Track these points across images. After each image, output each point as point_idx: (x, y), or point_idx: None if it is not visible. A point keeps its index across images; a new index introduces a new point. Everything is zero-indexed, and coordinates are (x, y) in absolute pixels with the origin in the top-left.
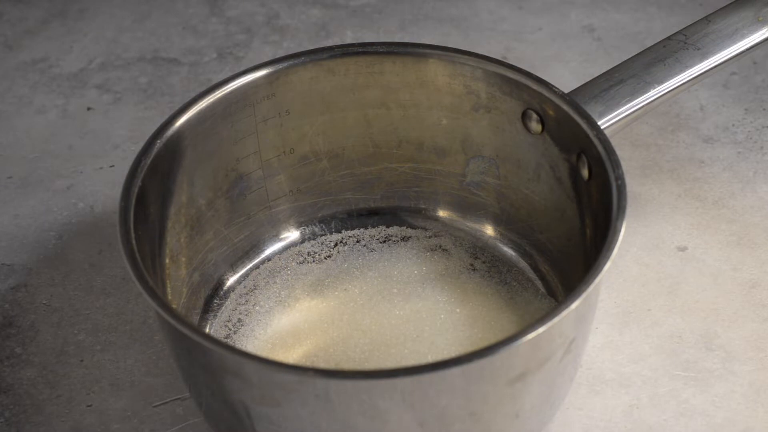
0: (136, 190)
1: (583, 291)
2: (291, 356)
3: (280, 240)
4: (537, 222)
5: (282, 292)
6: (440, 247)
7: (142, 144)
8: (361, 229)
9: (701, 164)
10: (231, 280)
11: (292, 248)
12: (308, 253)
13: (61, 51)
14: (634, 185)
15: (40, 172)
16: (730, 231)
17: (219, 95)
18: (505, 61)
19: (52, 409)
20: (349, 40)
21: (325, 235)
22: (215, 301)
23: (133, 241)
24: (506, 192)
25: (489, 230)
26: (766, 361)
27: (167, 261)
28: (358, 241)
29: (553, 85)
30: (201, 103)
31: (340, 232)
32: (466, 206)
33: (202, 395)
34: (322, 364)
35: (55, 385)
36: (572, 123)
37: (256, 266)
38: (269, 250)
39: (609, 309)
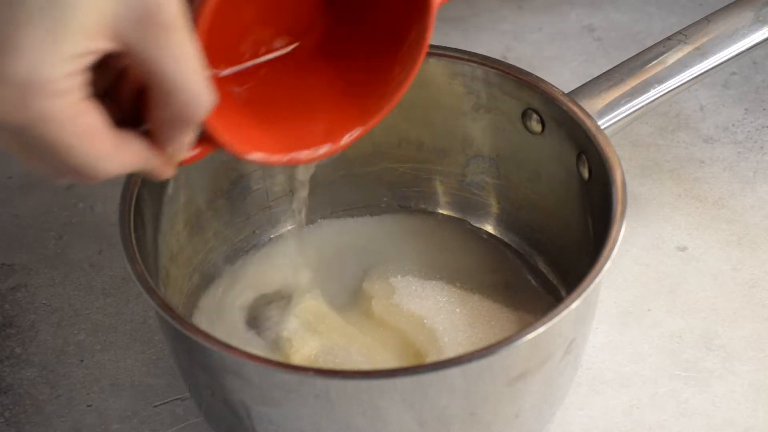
0: (136, 190)
1: (583, 291)
2: (291, 356)
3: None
4: (537, 222)
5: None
6: (440, 247)
7: None
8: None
9: (701, 164)
10: None
11: None
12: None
13: None
14: (634, 185)
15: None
16: (730, 231)
17: None
18: (505, 61)
19: (52, 409)
20: None
21: None
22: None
23: (133, 241)
24: (506, 192)
25: (489, 230)
26: (766, 361)
27: (167, 261)
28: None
29: (553, 85)
30: None
31: None
32: (466, 206)
33: (202, 395)
34: (322, 365)
35: (55, 385)
36: (572, 123)
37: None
38: None
39: (609, 309)
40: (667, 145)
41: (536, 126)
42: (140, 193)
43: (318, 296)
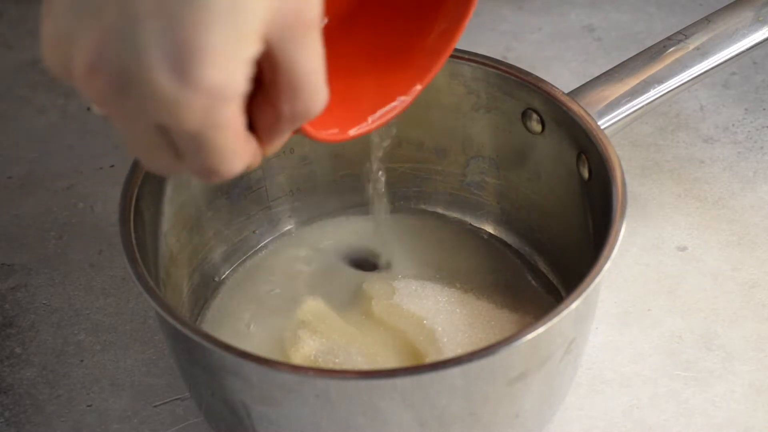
0: (136, 190)
1: (583, 291)
2: (291, 356)
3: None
4: (537, 222)
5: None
6: (440, 247)
7: None
8: None
9: (701, 164)
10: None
11: None
12: None
13: None
14: (634, 185)
15: (40, 172)
16: (730, 231)
17: None
18: (505, 61)
19: (52, 409)
20: None
21: None
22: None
23: (133, 241)
24: (506, 192)
25: (489, 230)
26: (766, 361)
27: (167, 261)
28: None
29: (553, 85)
30: None
31: None
32: (466, 206)
33: (202, 395)
34: (322, 365)
35: (55, 385)
36: (572, 123)
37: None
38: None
39: (609, 309)
40: (667, 145)
41: (536, 126)
42: (140, 193)
43: (318, 297)
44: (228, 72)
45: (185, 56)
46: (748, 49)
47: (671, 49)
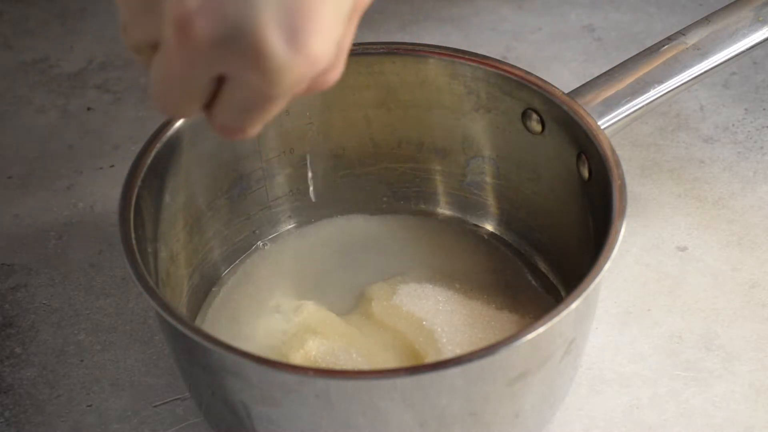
0: (136, 190)
1: (583, 291)
2: (291, 357)
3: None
4: (537, 222)
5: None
6: (440, 247)
7: (142, 144)
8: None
9: (701, 164)
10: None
11: None
12: None
13: (61, 51)
14: (634, 185)
15: (40, 172)
16: (730, 231)
17: None
18: (505, 61)
19: (52, 409)
20: None
21: None
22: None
23: (133, 241)
24: (506, 192)
25: (489, 230)
26: (766, 361)
27: (167, 261)
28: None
29: (553, 85)
30: None
31: None
32: (466, 206)
33: (202, 395)
34: (322, 365)
35: (55, 385)
36: (572, 123)
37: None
38: None
39: (609, 309)
40: (667, 145)
41: (536, 126)
42: (140, 193)
43: (318, 297)
44: (329, 46)
45: (301, 24)
46: (748, 49)
47: (671, 49)
